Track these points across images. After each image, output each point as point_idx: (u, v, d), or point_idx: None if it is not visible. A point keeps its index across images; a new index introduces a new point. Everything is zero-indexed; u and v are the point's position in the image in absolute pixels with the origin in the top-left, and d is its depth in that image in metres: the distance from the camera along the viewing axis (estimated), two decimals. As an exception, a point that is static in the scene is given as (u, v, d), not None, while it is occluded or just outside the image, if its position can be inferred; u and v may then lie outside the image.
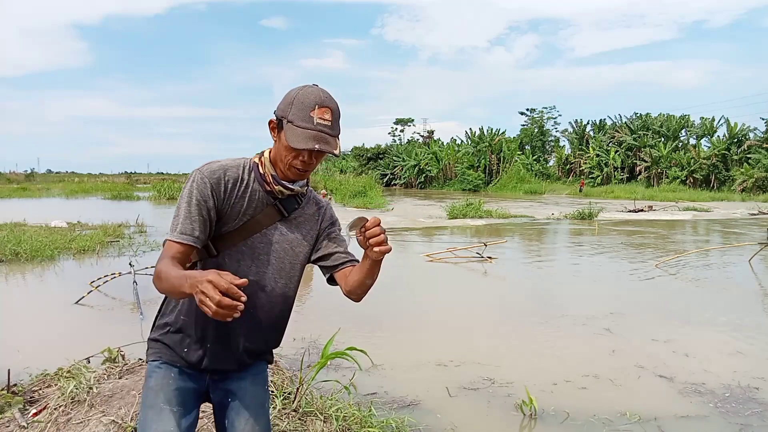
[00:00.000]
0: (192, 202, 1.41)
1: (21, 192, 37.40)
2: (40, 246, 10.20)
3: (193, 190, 1.42)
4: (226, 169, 1.47)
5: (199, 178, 1.42)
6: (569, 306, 6.95)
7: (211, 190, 1.42)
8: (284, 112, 1.41)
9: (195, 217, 1.41)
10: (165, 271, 1.31)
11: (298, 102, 1.39)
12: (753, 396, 4.06)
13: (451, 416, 3.70)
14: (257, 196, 1.51)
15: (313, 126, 1.38)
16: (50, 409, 3.27)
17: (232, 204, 1.47)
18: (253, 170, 1.51)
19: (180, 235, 1.40)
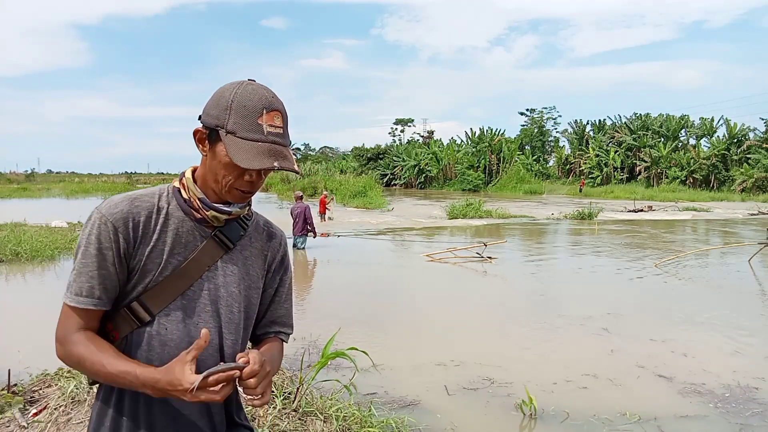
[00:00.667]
0: (89, 251, 1.07)
1: (21, 192, 37.42)
2: (41, 246, 10.20)
3: (90, 236, 1.07)
4: (133, 200, 1.11)
5: (96, 218, 1.08)
6: (569, 306, 6.95)
7: (113, 231, 1.07)
8: (219, 119, 1.07)
9: (93, 272, 1.08)
10: (90, 359, 1.06)
11: (238, 106, 1.06)
12: (753, 396, 4.06)
13: (450, 416, 3.70)
14: (185, 228, 1.14)
15: (263, 137, 1.05)
16: (50, 409, 3.27)
17: (151, 245, 1.11)
18: (174, 196, 1.16)
19: (75, 298, 1.09)
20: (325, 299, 7.48)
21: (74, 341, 1.09)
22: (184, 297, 1.14)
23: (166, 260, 1.12)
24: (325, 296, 7.72)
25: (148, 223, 1.11)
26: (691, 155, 44.61)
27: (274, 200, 31.85)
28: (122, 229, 1.08)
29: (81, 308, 1.10)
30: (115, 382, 1.06)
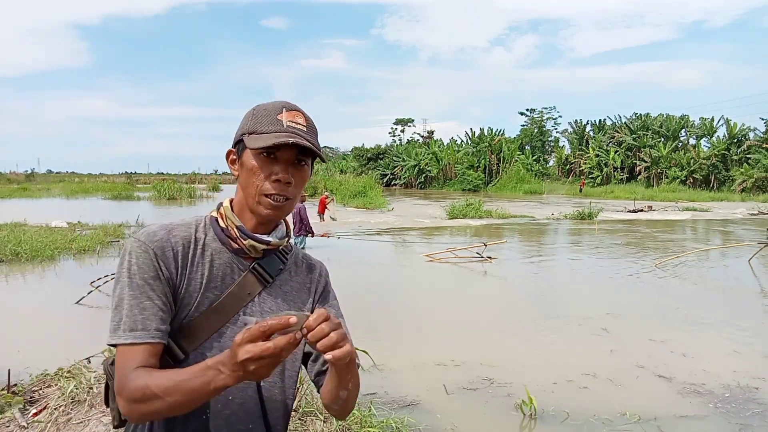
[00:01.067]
0: (134, 282, 0.99)
1: (21, 192, 37.42)
2: (41, 246, 10.21)
3: (132, 266, 1.00)
4: (170, 230, 1.06)
5: (135, 248, 1.02)
6: (569, 306, 6.96)
7: (155, 258, 1.01)
8: (242, 129, 1.07)
9: (144, 303, 0.98)
10: (158, 383, 0.90)
11: (259, 110, 1.07)
12: (752, 396, 4.06)
13: (450, 416, 3.70)
14: (222, 261, 1.07)
15: (282, 128, 1.04)
16: (50, 409, 3.27)
17: (188, 277, 1.04)
18: (211, 226, 1.10)
19: (129, 334, 0.96)
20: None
21: (133, 377, 0.93)
22: (220, 334, 1.05)
23: (203, 294, 1.05)
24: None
25: (186, 254, 1.05)
26: (691, 155, 44.61)
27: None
28: (162, 257, 1.02)
29: (139, 344, 0.97)
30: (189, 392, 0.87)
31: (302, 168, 1.08)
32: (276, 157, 1.04)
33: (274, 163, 1.04)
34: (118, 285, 1.01)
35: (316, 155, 1.08)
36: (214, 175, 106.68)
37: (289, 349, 0.81)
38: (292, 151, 1.04)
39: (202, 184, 48.46)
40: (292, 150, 1.04)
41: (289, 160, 1.05)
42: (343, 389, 1.02)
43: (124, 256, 1.03)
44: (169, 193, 31.95)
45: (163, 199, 30.76)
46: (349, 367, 0.97)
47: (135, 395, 0.90)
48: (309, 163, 1.10)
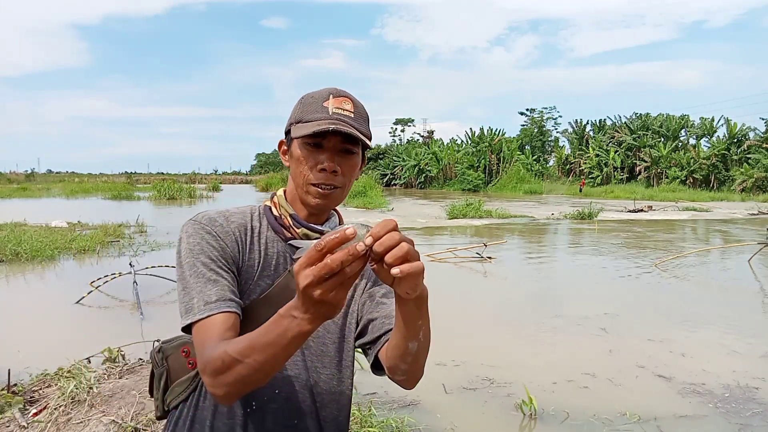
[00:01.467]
0: (199, 260, 0.97)
1: (21, 192, 37.42)
2: (41, 246, 10.20)
3: (195, 247, 0.98)
4: (228, 217, 1.05)
5: (197, 229, 1.00)
6: (569, 306, 6.96)
7: (214, 238, 1.00)
8: (291, 119, 1.06)
9: (214, 277, 0.96)
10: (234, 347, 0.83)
11: (306, 99, 1.06)
12: (752, 396, 4.06)
13: (450, 416, 3.70)
14: (275, 249, 1.06)
15: (328, 115, 1.01)
16: (50, 409, 3.28)
17: (243, 264, 1.03)
18: (265, 215, 1.10)
19: (205, 307, 0.93)
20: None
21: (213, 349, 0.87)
22: None
23: (255, 282, 1.04)
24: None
25: (243, 240, 1.04)
26: (691, 155, 44.64)
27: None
28: (226, 240, 1.01)
29: (215, 314, 0.93)
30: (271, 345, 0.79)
31: (350, 156, 1.05)
32: (322, 145, 1.02)
33: (320, 152, 1.02)
34: (183, 268, 0.98)
35: (366, 144, 1.05)
36: (213, 175, 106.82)
37: (355, 268, 0.70)
38: (338, 138, 1.01)
39: (202, 184, 48.46)
40: (338, 137, 1.01)
41: (335, 148, 1.02)
42: (413, 340, 0.91)
43: (183, 239, 1.00)
44: (169, 193, 31.93)
45: (163, 199, 30.75)
46: (420, 307, 0.85)
47: (216, 365, 0.84)
48: (359, 151, 1.07)
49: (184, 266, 0.98)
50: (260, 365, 0.81)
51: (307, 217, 1.08)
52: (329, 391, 1.09)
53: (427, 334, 0.93)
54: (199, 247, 0.98)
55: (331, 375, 1.10)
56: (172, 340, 1.13)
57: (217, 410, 1.03)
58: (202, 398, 1.05)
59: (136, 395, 3.45)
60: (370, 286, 1.15)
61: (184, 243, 1.00)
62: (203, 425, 1.03)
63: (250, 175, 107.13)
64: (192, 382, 1.06)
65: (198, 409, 1.05)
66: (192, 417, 1.04)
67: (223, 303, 0.94)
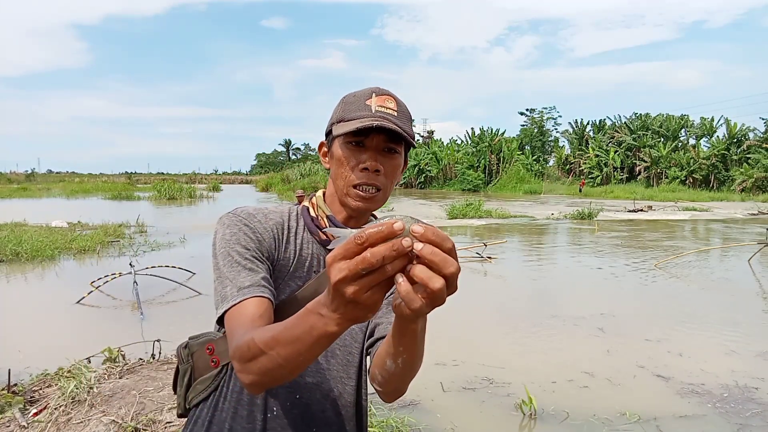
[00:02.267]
0: (234, 250, 0.96)
1: (21, 192, 37.43)
2: (41, 246, 10.21)
3: (231, 237, 0.97)
4: (267, 213, 1.04)
5: (234, 221, 0.99)
6: (568, 306, 6.96)
7: (252, 231, 0.99)
8: (332, 119, 1.04)
9: (250, 265, 0.95)
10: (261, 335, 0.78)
11: (348, 99, 1.03)
12: (751, 396, 4.06)
13: (450, 416, 3.70)
14: (309, 250, 1.05)
15: (370, 113, 0.98)
16: (50, 408, 3.28)
17: (276, 260, 1.02)
18: (302, 215, 1.08)
19: (238, 293, 0.91)
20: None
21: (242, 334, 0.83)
22: None
23: (286, 282, 1.02)
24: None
25: (279, 238, 1.03)
26: (690, 155, 44.64)
27: (274, 200, 31.86)
28: (265, 235, 1.00)
29: (247, 298, 0.90)
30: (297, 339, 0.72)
31: (393, 156, 1.01)
32: (364, 144, 0.99)
33: (362, 152, 0.99)
34: (217, 258, 0.96)
35: (410, 143, 1.01)
36: (214, 175, 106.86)
37: (396, 267, 0.60)
38: (381, 137, 0.98)
39: (202, 184, 48.48)
40: (381, 136, 0.98)
41: (377, 147, 0.99)
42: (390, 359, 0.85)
43: (218, 230, 0.99)
44: (169, 193, 31.95)
45: (163, 199, 30.76)
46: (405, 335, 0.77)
47: (243, 351, 0.79)
48: (402, 152, 1.04)
49: (218, 256, 0.96)
50: (284, 360, 0.75)
51: (346, 220, 1.05)
52: (353, 404, 1.06)
53: (409, 364, 0.85)
54: (235, 237, 0.97)
55: (355, 388, 1.06)
56: (199, 336, 1.10)
57: (237, 413, 1.00)
58: (223, 399, 1.03)
59: (136, 395, 3.46)
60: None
61: (219, 234, 0.98)
62: (222, 427, 1.01)
63: (250, 175, 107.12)
64: (213, 381, 1.04)
65: (217, 410, 1.03)
66: (210, 418, 1.02)
67: (256, 288, 0.92)
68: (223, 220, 1.00)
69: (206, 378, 1.04)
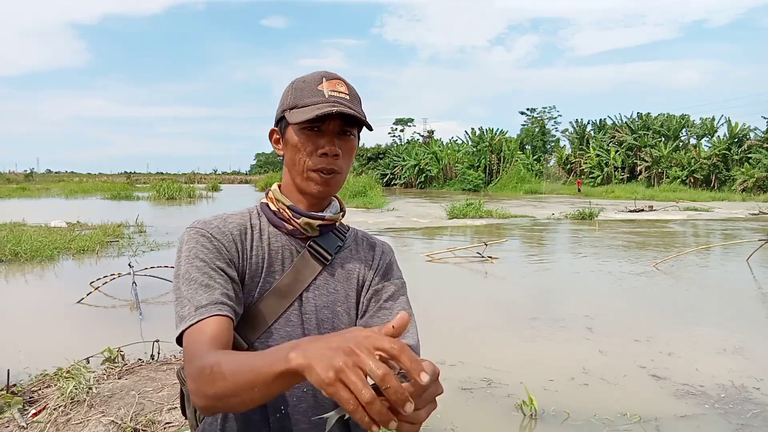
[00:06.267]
0: (194, 266, 0.94)
1: (20, 192, 37.43)
2: (40, 246, 10.20)
3: (190, 252, 0.96)
4: (225, 219, 1.04)
5: (192, 234, 0.99)
6: (569, 306, 6.95)
7: (213, 241, 0.98)
8: (282, 105, 1.05)
9: (208, 282, 0.93)
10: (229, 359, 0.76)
11: (297, 83, 1.04)
12: (750, 396, 4.05)
13: (450, 416, 3.69)
14: (279, 244, 1.05)
15: (324, 98, 0.99)
16: (50, 409, 3.27)
17: (249, 262, 1.01)
18: (263, 212, 1.08)
19: (196, 312, 0.89)
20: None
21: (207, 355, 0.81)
22: (285, 320, 1.00)
23: (264, 279, 1.02)
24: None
25: (244, 240, 1.02)
26: (691, 155, 44.61)
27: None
28: (223, 240, 0.99)
29: (206, 318, 0.88)
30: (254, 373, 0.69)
31: (349, 139, 1.04)
32: (321, 129, 1.00)
33: (320, 137, 1.00)
34: (178, 278, 0.95)
35: (363, 124, 1.03)
36: (213, 175, 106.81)
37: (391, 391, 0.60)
38: (337, 121, 1.00)
39: (201, 184, 48.49)
40: (337, 121, 1.00)
41: (334, 131, 1.01)
42: None
43: (180, 247, 0.98)
44: (168, 192, 31.94)
45: (162, 199, 30.75)
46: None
47: (204, 376, 0.77)
48: (356, 134, 1.06)
49: (178, 277, 0.95)
50: (242, 389, 0.71)
51: (308, 207, 1.06)
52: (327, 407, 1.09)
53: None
54: (193, 252, 0.96)
55: None
56: None
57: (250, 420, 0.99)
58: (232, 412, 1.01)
59: (135, 395, 3.45)
60: (378, 280, 1.12)
61: (181, 251, 0.98)
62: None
63: (249, 174, 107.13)
64: None
65: (228, 421, 1.01)
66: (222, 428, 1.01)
67: (213, 307, 0.90)
68: (182, 237, 1.00)
69: None
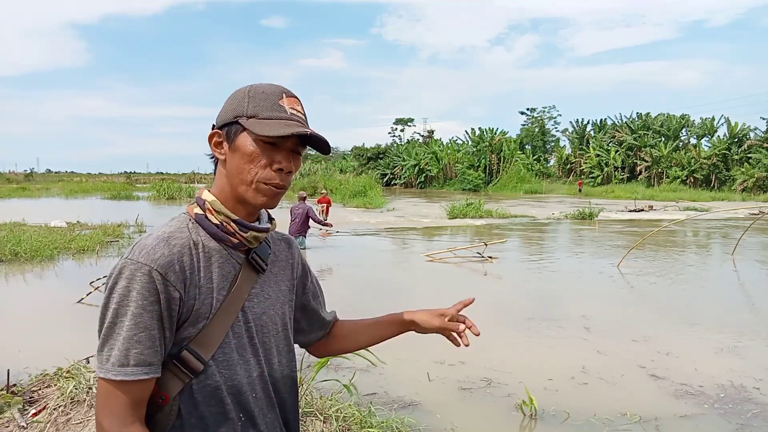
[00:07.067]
0: (129, 310, 0.89)
1: (20, 192, 37.43)
2: (40, 246, 10.21)
3: (130, 292, 0.89)
4: (168, 240, 0.95)
5: (134, 271, 0.90)
6: (569, 306, 6.95)
7: (161, 281, 0.90)
8: (237, 111, 1.00)
9: (139, 335, 0.89)
10: None
11: (255, 93, 1.01)
12: (749, 396, 4.06)
13: (451, 416, 3.69)
14: (222, 259, 1.01)
15: (287, 115, 0.99)
16: (50, 409, 3.27)
17: (199, 285, 0.97)
18: (200, 224, 1.01)
19: (120, 370, 0.88)
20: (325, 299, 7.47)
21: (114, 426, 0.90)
22: (233, 334, 1.00)
23: (215, 298, 0.98)
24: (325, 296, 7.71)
25: (192, 263, 0.96)
26: (691, 155, 44.61)
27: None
28: (171, 275, 0.92)
29: (130, 381, 0.89)
30: None
31: (299, 158, 1.03)
32: (277, 144, 0.99)
33: (276, 151, 0.99)
34: (109, 313, 0.90)
35: (323, 150, 1.05)
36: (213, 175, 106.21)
37: None
38: (295, 140, 1.00)
39: (201, 184, 48.40)
40: (296, 139, 1.00)
41: (290, 148, 1.00)
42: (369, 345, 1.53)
43: (116, 281, 0.90)
44: (168, 192, 31.95)
45: (162, 199, 30.76)
46: None
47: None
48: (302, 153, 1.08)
49: (110, 310, 0.90)
50: None
51: (245, 217, 1.03)
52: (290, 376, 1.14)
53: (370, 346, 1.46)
54: (135, 293, 0.89)
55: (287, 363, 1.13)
56: None
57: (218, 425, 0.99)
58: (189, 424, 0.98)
59: (135, 395, 3.44)
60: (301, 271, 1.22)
61: (119, 285, 0.90)
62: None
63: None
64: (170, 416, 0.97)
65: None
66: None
67: (138, 370, 0.89)
68: (125, 272, 0.90)
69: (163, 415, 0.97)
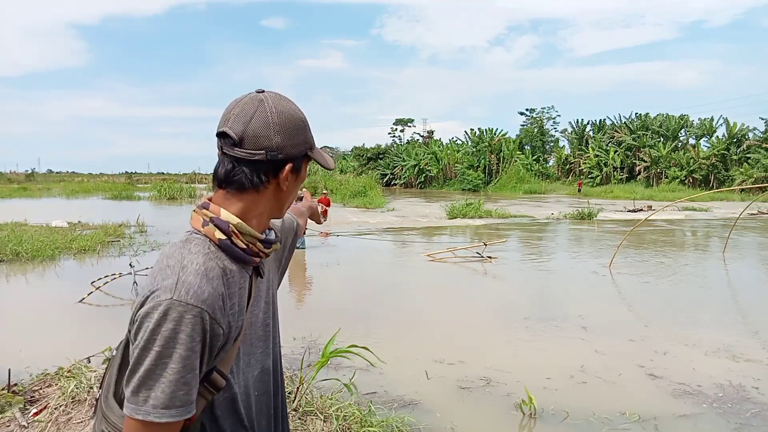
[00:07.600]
0: (177, 354, 0.86)
1: (21, 192, 37.44)
2: (41, 246, 10.22)
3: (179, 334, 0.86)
4: (206, 273, 0.93)
5: (184, 313, 0.87)
6: (569, 306, 6.96)
7: (210, 322, 0.90)
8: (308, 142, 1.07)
9: (186, 377, 0.87)
10: None
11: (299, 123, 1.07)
12: (747, 396, 4.07)
13: (450, 415, 3.71)
14: (243, 279, 1.03)
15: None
16: (51, 408, 3.28)
17: (233, 311, 0.98)
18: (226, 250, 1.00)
19: (164, 412, 0.86)
20: (325, 299, 7.48)
21: None
22: (244, 343, 1.04)
23: (242, 318, 1.01)
24: (325, 296, 7.72)
25: (226, 291, 0.96)
26: (690, 155, 44.61)
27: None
28: (218, 313, 0.91)
29: (174, 422, 0.87)
30: None
31: None
32: None
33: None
34: (150, 354, 0.86)
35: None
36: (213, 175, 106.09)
37: None
38: None
39: (202, 184, 48.46)
40: None
41: None
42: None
43: (162, 321, 0.86)
44: (169, 192, 31.96)
45: (163, 199, 30.76)
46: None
47: None
48: None
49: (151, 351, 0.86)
50: None
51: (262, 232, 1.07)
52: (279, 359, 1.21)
53: None
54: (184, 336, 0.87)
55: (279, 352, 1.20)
56: None
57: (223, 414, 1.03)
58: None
59: (136, 395, 3.45)
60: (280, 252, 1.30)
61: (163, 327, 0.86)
62: None
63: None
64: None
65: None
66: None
67: (183, 410, 0.88)
68: (175, 315, 0.86)
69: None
